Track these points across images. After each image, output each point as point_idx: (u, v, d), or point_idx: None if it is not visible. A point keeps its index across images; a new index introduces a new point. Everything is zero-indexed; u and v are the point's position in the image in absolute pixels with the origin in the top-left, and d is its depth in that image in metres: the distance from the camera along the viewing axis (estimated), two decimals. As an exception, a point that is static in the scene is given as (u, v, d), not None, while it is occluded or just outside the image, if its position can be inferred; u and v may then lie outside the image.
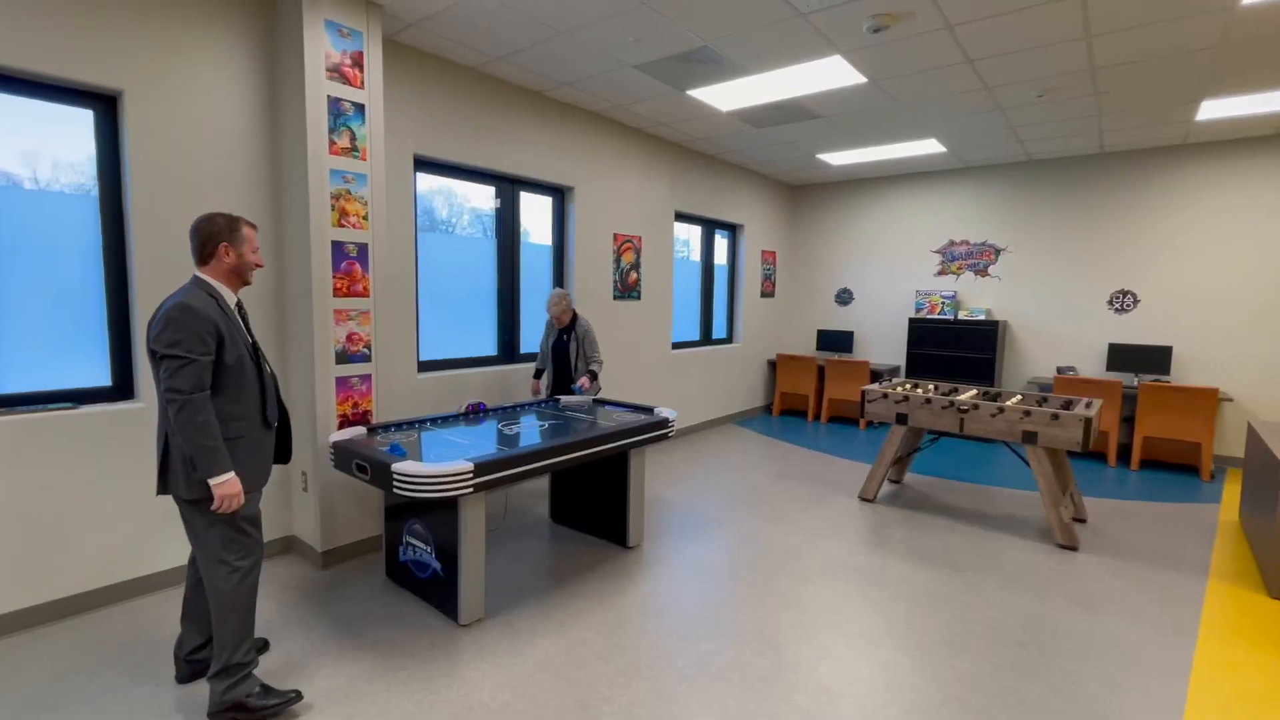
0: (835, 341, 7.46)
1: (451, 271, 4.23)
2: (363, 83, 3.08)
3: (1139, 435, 5.31)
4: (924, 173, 6.89)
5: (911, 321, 6.67)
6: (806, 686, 2.27)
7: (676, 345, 6.29)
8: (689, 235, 6.59)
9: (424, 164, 3.95)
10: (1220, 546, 3.70)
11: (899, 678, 2.34)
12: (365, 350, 3.19)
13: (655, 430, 3.30)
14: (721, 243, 7.02)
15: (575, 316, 4.08)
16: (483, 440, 2.92)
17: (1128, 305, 5.83)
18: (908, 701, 2.20)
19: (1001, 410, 3.71)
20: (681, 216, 6.25)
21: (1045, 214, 6.20)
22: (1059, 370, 5.99)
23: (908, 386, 4.49)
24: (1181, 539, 3.80)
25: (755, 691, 2.23)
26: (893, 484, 4.77)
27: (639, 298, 5.61)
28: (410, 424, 3.18)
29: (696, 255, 6.72)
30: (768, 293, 7.58)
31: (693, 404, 6.45)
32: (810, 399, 7.20)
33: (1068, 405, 3.87)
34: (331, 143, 2.98)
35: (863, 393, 4.30)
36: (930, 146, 5.76)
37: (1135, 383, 5.51)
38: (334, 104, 2.97)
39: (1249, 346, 5.31)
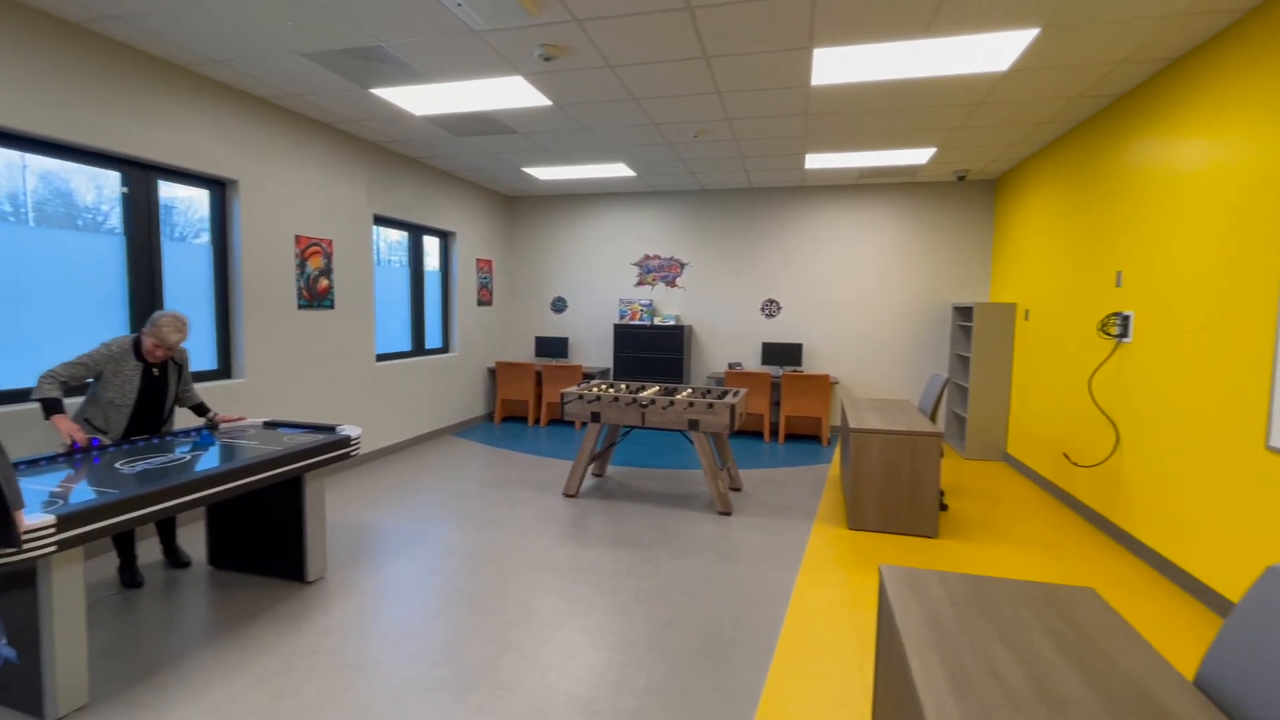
0: (552, 347, 7.82)
1: (53, 276, 3.34)
2: None
3: (783, 415, 6.66)
4: (622, 193, 7.64)
5: (616, 327, 7.33)
6: (483, 686, 2.33)
7: (383, 357, 5.92)
8: (399, 240, 6.25)
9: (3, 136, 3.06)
10: (826, 496, 4.84)
11: (572, 655, 2.55)
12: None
13: (334, 450, 3.05)
14: (433, 249, 6.81)
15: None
16: (84, 486, 2.37)
17: (774, 311, 7.27)
18: (577, 675, 2.41)
19: (672, 403, 4.30)
20: (385, 220, 5.91)
21: (716, 235, 7.39)
22: (730, 366, 7.19)
23: (603, 387, 4.92)
24: (803, 494, 4.87)
25: (429, 703, 2.22)
26: (596, 477, 5.19)
27: (332, 306, 5.13)
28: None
29: (415, 262, 6.41)
30: (485, 301, 7.60)
31: (404, 418, 6.13)
32: (529, 404, 7.41)
33: (722, 396, 4.67)
34: None
35: (562, 395, 4.59)
36: (621, 170, 6.41)
37: (780, 373, 6.90)
38: None
39: (850, 342, 7.05)
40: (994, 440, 6.00)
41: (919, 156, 5.63)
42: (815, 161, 5.92)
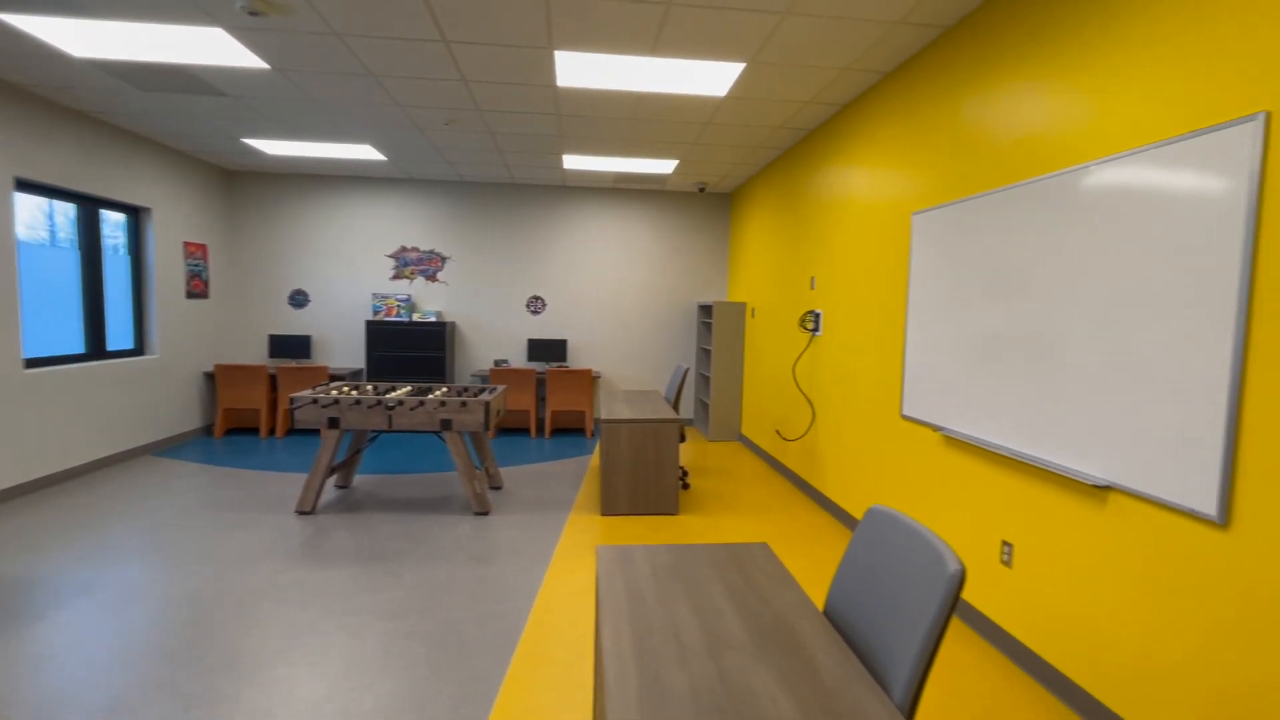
0: (291, 347, 6.88)
1: None
2: None
3: (549, 410, 6.75)
4: (375, 177, 7.02)
5: (370, 324, 6.73)
6: (159, 752, 1.94)
7: (38, 362, 4.62)
8: (63, 214, 4.91)
9: None
10: (585, 485, 5.03)
11: (284, 693, 2.26)
12: None
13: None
14: (118, 229, 5.51)
15: None
16: None
17: (539, 308, 7.33)
18: (289, 714, 2.14)
19: (422, 403, 4.07)
20: (34, 187, 4.61)
21: (480, 229, 7.19)
22: (496, 363, 7.07)
23: (345, 389, 4.47)
24: (564, 486, 4.99)
25: (75, 791, 1.77)
26: (341, 489, 4.70)
27: (-55, 296, 3.85)
28: None
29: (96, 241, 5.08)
30: (198, 293, 6.39)
31: (75, 438, 4.87)
32: (262, 413, 6.43)
33: (478, 393, 4.56)
34: None
35: (291, 400, 4.05)
36: (369, 152, 5.88)
37: (545, 369, 6.98)
38: None
39: (610, 337, 7.42)
40: (731, 423, 6.82)
41: (665, 167, 6.12)
42: (573, 162, 6.09)
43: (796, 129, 4.83)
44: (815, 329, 4.70)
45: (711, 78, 3.81)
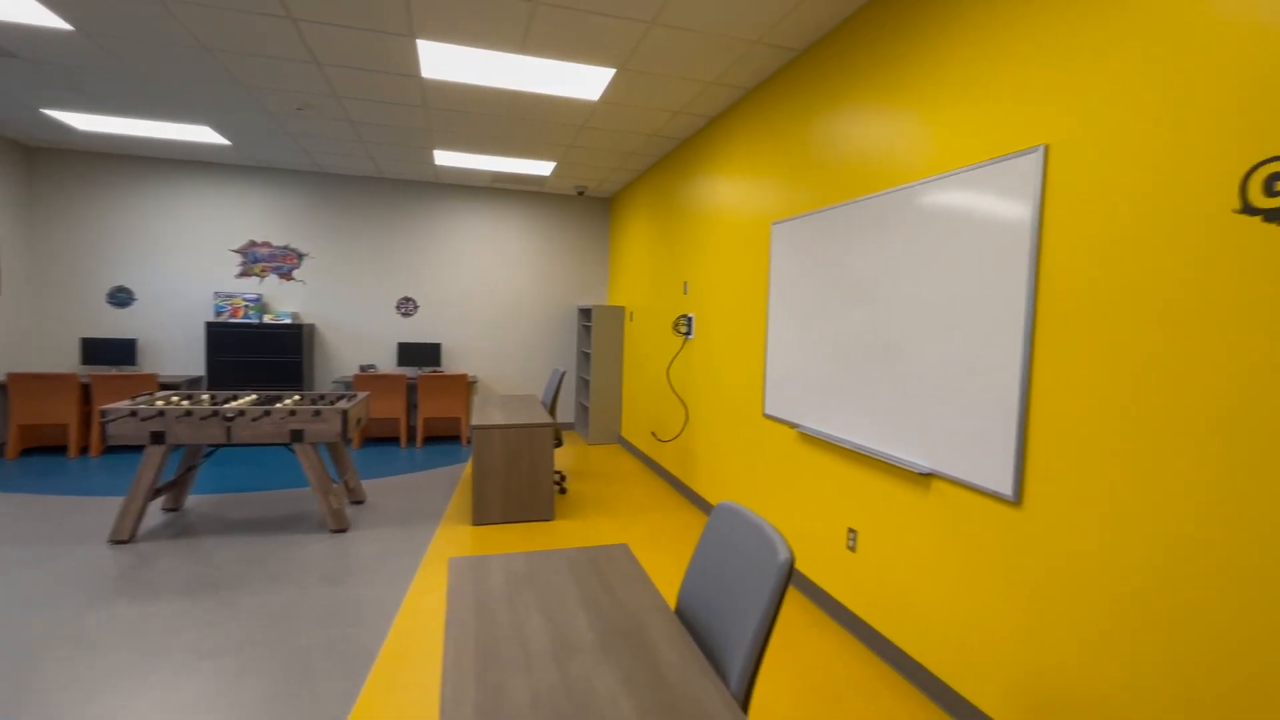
0: (110, 352, 6.00)
1: None
2: None
3: (421, 418, 6.42)
4: (218, 163, 6.31)
5: (210, 326, 6.02)
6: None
7: None
8: None
9: None
10: (458, 495, 4.82)
11: (80, 752, 1.94)
12: None
13: None
14: None
15: None
16: None
17: (410, 310, 6.95)
18: (82, 778, 1.84)
19: (268, 414, 3.70)
20: None
21: (343, 224, 6.69)
22: (361, 368, 6.61)
23: (174, 400, 3.96)
24: (435, 497, 4.75)
25: None
26: (170, 512, 4.15)
27: None
28: None
29: None
30: (-16, 288, 5.40)
31: None
32: (70, 428, 5.54)
33: (335, 401, 4.22)
34: None
35: (102, 413, 3.52)
36: (208, 135, 5.28)
37: (417, 374, 6.63)
38: None
39: (488, 341, 7.19)
40: (611, 426, 6.86)
41: (543, 168, 6.05)
42: (446, 159, 5.84)
43: (670, 138, 4.96)
44: (688, 332, 4.85)
45: (584, 81, 3.81)
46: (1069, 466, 1.85)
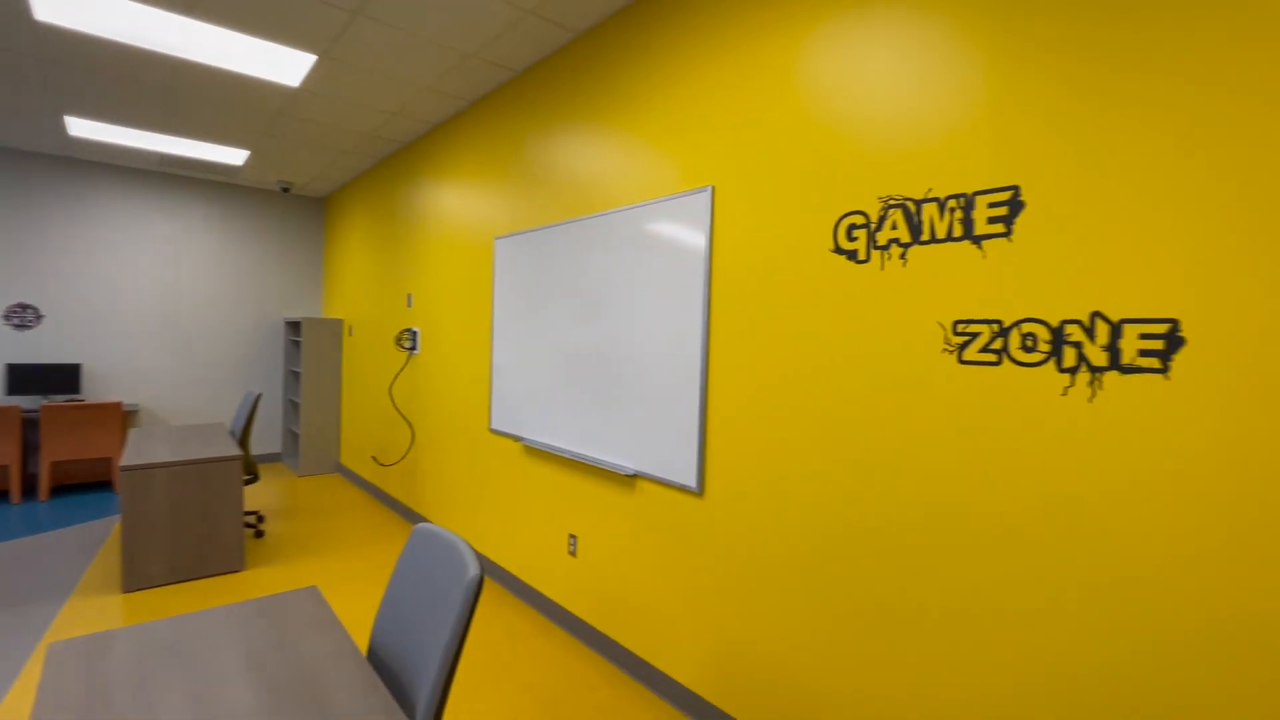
0: None
1: None
2: None
3: (45, 462, 4.88)
4: None
5: None
6: None
7: None
8: None
9: None
10: (103, 555, 3.77)
11: None
12: None
13: None
14: None
15: None
16: None
17: (30, 321, 5.28)
18: None
19: None
20: None
21: (-99, 201, 4.79)
22: (-61, 400, 4.79)
23: None
24: (66, 563, 3.64)
25: None
26: None
27: None
28: None
29: None
30: None
31: None
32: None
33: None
34: None
35: None
36: None
37: (39, 405, 5.04)
38: None
39: (159, 360, 5.82)
40: (328, 453, 6.10)
41: (233, 156, 5.15)
42: (84, 129, 4.59)
43: (390, 140, 4.64)
44: (413, 347, 4.56)
45: (279, 64, 3.34)
46: (734, 458, 2.19)
